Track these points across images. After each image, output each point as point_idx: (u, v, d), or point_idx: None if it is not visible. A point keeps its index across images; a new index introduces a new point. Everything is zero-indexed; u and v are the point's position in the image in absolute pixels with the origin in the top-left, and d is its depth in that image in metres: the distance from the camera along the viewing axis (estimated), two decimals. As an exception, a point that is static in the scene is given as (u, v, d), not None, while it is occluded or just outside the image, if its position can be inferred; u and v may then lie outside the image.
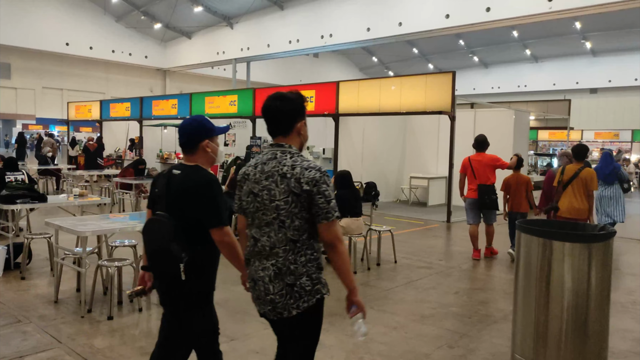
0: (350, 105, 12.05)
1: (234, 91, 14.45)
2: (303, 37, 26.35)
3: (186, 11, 26.69)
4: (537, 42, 34.68)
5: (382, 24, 23.74)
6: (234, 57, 27.98)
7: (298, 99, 2.52)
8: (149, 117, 16.13)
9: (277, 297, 2.35)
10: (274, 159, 2.42)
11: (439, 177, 13.44)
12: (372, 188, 7.89)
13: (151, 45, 29.46)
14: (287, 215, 2.33)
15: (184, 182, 2.67)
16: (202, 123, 2.81)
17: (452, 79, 10.91)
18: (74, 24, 25.68)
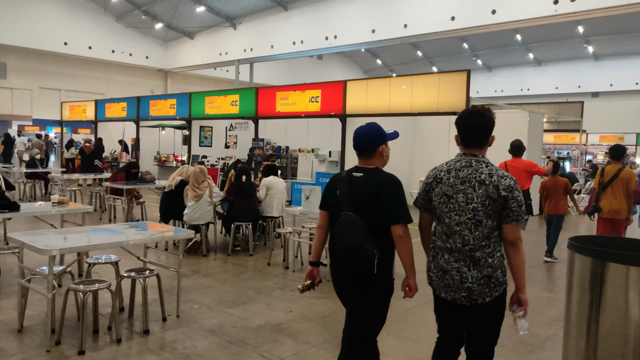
0: (358, 106, 11.18)
1: (236, 91, 13.58)
2: (307, 38, 25.58)
3: (188, 11, 25.88)
4: (541, 46, 34.20)
5: (387, 26, 23.09)
6: (237, 58, 27.16)
7: (492, 116, 2.82)
8: (146, 118, 15.26)
9: (475, 285, 2.63)
10: (469, 166, 2.72)
11: (450, 182, 12.58)
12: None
13: (152, 45, 28.62)
14: (484, 215, 2.61)
15: (370, 183, 2.88)
16: (379, 130, 3.05)
17: (466, 77, 10.04)
18: (73, 23, 24.85)
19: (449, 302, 2.77)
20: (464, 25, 21.25)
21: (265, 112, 12.56)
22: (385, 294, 2.94)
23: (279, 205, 7.93)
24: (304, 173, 12.57)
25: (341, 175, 3.02)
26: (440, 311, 2.92)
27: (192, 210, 7.27)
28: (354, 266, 2.76)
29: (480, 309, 2.67)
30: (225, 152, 13.94)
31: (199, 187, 7.27)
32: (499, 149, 11.27)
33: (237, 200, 7.57)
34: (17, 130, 24.28)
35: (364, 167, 2.99)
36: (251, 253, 7.51)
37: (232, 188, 7.60)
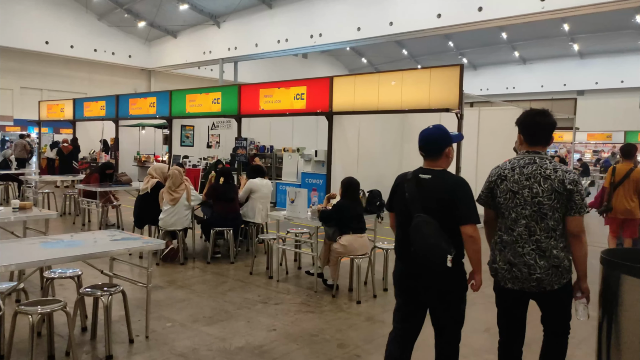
0: (346, 103, 10.61)
1: (218, 88, 12.92)
2: (292, 36, 25.01)
3: (171, 9, 25.11)
4: (526, 44, 34.01)
5: (372, 24, 22.72)
6: (221, 57, 26.48)
7: (553, 117, 2.96)
8: (125, 117, 14.53)
9: (544, 275, 2.81)
10: (533, 163, 2.87)
11: (441, 181, 12.06)
12: (377, 197, 6.44)
13: (135, 44, 27.77)
14: (550, 209, 2.79)
15: (440, 185, 2.93)
16: (446, 132, 3.05)
17: (459, 72, 9.53)
18: (54, 22, 23.95)
19: (515, 292, 2.93)
20: (450, 23, 21.05)
21: (249, 110, 11.93)
22: (461, 291, 3.02)
23: (263, 210, 7.33)
24: (289, 174, 11.97)
25: (407, 176, 3.09)
26: (505, 301, 3.05)
27: (168, 215, 6.64)
28: (432, 265, 2.85)
29: (549, 295, 2.86)
30: (207, 152, 13.28)
31: (175, 191, 6.65)
32: (491, 145, 10.62)
33: (216, 204, 6.96)
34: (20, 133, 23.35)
35: (430, 169, 3.03)
36: (232, 261, 6.91)
37: (211, 191, 6.98)
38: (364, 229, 5.75)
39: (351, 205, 5.68)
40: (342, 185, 5.82)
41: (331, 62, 37.21)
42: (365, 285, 6.11)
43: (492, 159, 11.08)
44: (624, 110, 30.74)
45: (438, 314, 3.03)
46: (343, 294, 5.79)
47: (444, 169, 3.02)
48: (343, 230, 5.63)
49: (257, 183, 7.27)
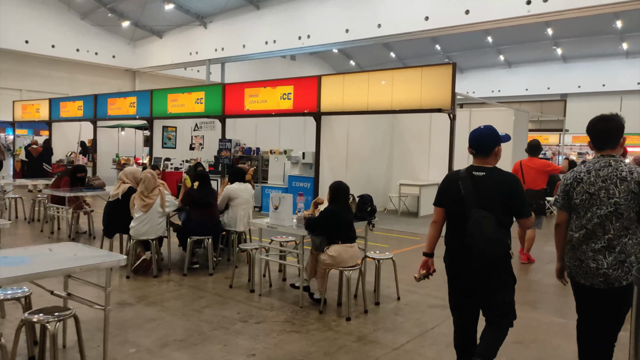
0: (334, 103, 10.03)
1: (201, 87, 12.24)
2: (280, 37, 24.45)
3: (156, 9, 24.35)
4: (511, 48, 34.14)
5: (361, 26, 22.41)
6: (208, 58, 25.79)
7: (621, 120, 3.05)
8: (104, 117, 13.77)
9: (610, 270, 2.89)
10: (608, 166, 2.95)
11: (431, 185, 11.50)
12: (367, 202, 5.84)
13: (119, 44, 26.89)
14: (625, 209, 2.87)
15: (496, 181, 3.11)
16: (496, 132, 3.21)
17: (452, 71, 9.02)
18: (35, 20, 23.03)
19: (587, 287, 2.99)
20: (438, 26, 20.97)
21: (233, 110, 11.29)
22: (512, 280, 3.22)
23: (245, 217, 6.70)
24: (275, 177, 11.34)
25: (461, 174, 3.20)
26: (579, 296, 3.11)
27: (140, 223, 5.97)
28: (491, 256, 3.04)
29: (617, 291, 2.88)
30: (190, 154, 12.60)
31: (148, 196, 5.99)
32: None
33: (193, 211, 6.32)
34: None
35: (483, 166, 3.17)
36: (211, 272, 6.25)
37: (186, 196, 6.33)
38: (354, 237, 5.15)
39: (340, 212, 5.09)
40: (330, 190, 5.22)
41: (319, 65, 36.68)
42: (355, 298, 5.51)
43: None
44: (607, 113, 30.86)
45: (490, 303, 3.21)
46: (331, 308, 5.18)
47: (494, 166, 3.19)
48: (331, 239, 5.03)
49: (235, 189, 6.64)
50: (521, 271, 7.00)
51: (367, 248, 5.82)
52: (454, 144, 9.21)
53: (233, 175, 6.80)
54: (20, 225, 8.82)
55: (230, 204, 6.61)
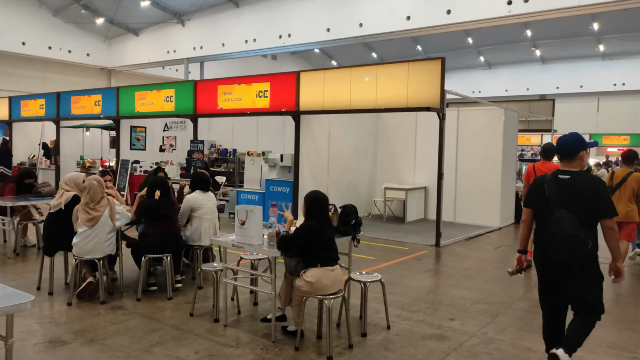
0: (314, 101, 9.09)
1: (170, 85, 11.15)
2: (260, 36, 23.51)
3: (132, 5, 23.06)
4: (491, 49, 33.96)
5: (342, 25, 21.82)
6: (186, 57, 24.63)
7: None
8: (67, 117, 12.59)
9: None
10: None
11: (417, 188, 10.66)
12: (351, 214, 4.89)
13: (94, 42, 25.46)
14: None
15: (581, 184, 3.29)
16: (581, 138, 3.43)
17: (441, 67, 8.16)
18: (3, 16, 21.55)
19: None
20: (420, 25, 20.59)
21: (206, 109, 10.27)
22: (599, 276, 3.33)
23: (211, 228, 5.72)
24: (251, 180, 10.34)
25: (547, 177, 3.42)
26: None
27: (84, 239, 4.94)
28: (572, 253, 3.19)
29: None
30: (161, 157, 11.52)
31: (94, 208, 4.96)
32: (474, 147, 9.24)
33: (149, 225, 5.32)
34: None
35: (568, 170, 3.38)
36: (170, 296, 5.25)
37: (141, 207, 5.32)
38: (335, 258, 4.22)
39: (318, 228, 4.15)
40: (306, 202, 4.29)
41: (301, 64, 35.75)
42: (338, 328, 4.59)
43: (472, 161, 9.68)
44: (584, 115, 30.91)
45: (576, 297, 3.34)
46: (309, 343, 4.25)
47: (579, 169, 3.37)
48: (309, 261, 4.09)
49: (196, 198, 5.67)
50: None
51: (351, 265, 4.90)
52: (443, 145, 8.35)
53: (195, 182, 5.81)
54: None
55: (193, 215, 5.63)
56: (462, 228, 9.76)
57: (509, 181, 10.65)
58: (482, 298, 5.62)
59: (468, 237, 9.03)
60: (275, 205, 4.91)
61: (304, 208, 4.30)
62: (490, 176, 10.12)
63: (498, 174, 10.10)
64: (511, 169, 10.86)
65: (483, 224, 10.05)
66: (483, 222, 10.11)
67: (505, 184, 10.36)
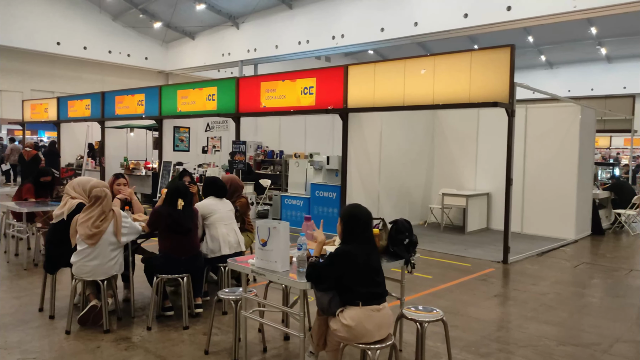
0: (364, 97, 7.95)
1: (213, 82, 10.36)
2: (313, 37, 22.76)
3: (188, 9, 22.87)
4: (552, 48, 31.60)
5: (397, 24, 20.72)
6: (240, 59, 24.23)
7: None
8: (112, 117, 12.12)
9: None
10: None
11: (479, 195, 9.25)
12: (404, 231, 3.71)
13: (151, 46, 25.54)
14: None
15: None
16: None
17: (510, 56, 6.84)
18: (66, 22, 21.90)
19: None
20: (477, 23, 19.21)
21: (248, 107, 9.37)
22: None
23: (230, 235, 4.73)
24: (296, 185, 9.32)
25: None
26: None
27: (84, 259, 4.06)
28: None
29: None
30: (204, 158, 10.77)
31: (95, 225, 4.06)
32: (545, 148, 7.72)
33: (163, 239, 4.38)
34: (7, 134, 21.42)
35: None
36: (186, 325, 4.29)
37: (155, 218, 4.39)
38: (382, 294, 3.08)
39: (360, 255, 3.03)
40: (343, 219, 3.17)
41: (353, 66, 34.68)
42: (386, 380, 3.44)
43: (543, 165, 8.14)
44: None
45: None
46: (349, 403, 3.13)
47: None
48: (346, 298, 2.99)
49: (207, 205, 4.74)
50: None
51: (404, 295, 3.75)
52: (512, 146, 6.97)
53: (209, 188, 4.85)
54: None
55: (206, 223, 4.66)
56: (531, 240, 8.30)
57: (585, 188, 9.04)
58: (569, 337, 4.29)
59: (540, 252, 7.58)
60: (309, 219, 3.84)
61: (340, 227, 3.19)
62: (564, 182, 8.58)
63: (573, 179, 8.54)
64: (588, 174, 9.23)
65: (555, 235, 8.53)
66: (555, 233, 8.58)
67: (582, 191, 8.77)
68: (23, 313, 4.52)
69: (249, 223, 5.38)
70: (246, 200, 5.48)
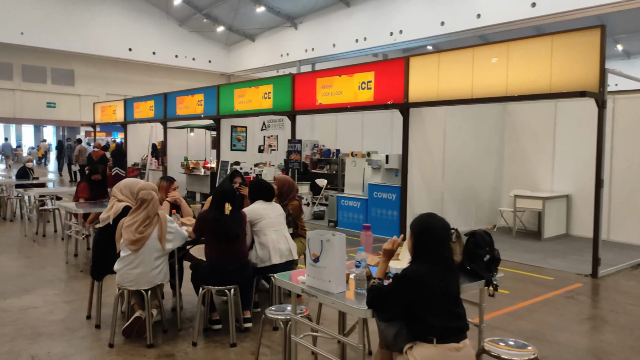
0: (427, 91, 7.19)
1: (269, 80, 9.95)
2: (370, 34, 22.05)
3: (249, 12, 22.93)
4: (629, 37, 28.81)
5: (457, 17, 19.52)
6: (298, 59, 23.99)
7: None
8: (173, 117, 12.07)
9: None
10: None
11: (558, 197, 8.19)
12: (484, 246, 3.00)
13: (215, 49, 25.93)
14: None
15: None
16: None
17: (600, 38, 5.85)
18: (137, 29, 22.68)
19: None
20: (547, 12, 17.63)
21: (304, 105, 8.87)
22: None
23: (281, 242, 4.20)
24: (353, 185, 8.70)
25: None
26: None
27: (127, 266, 3.70)
28: None
29: None
30: (260, 158, 10.42)
31: (139, 230, 3.68)
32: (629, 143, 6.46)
33: (209, 246, 3.94)
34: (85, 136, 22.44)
35: None
36: (233, 342, 3.81)
37: (201, 223, 3.95)
38: (463, 329, 2.43)
39: (433, 280, 2.38)
40: (415, 233, 2.53)
41: (412, 63, 33.49)
42: None
43: (634, 164, 6.98)
44: None
45: None
46: None
47: None
48: (417, 332, 2.36)
49: (255, 209, 4.21)
50: None
51: (482, 323, 3.06)
52: (603, 142, 5.96)
53: (256, 191, 4.33)
54: (50, 245, 7.10)
55: (255, 230, 4.15)
56: (620, 249, 7.17)
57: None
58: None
59: (634, 264, 6.48)
60: (368, 229, 3.23)
61: (410, 241, 2.56)
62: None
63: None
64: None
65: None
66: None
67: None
68: (71, 320, 4.25)
69: (302, 228, 4.84)
70: (299, 203, 4.93)
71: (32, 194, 7.36)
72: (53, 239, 7.34)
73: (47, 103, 22.49)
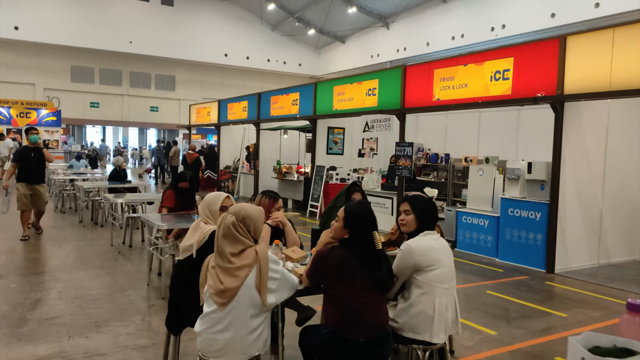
0: (593, 78, 5.29)
1: (374, 74, 8.43)
2: (469, 30, 19.85)
3: (340, 14, 21.77)
4: None
5: (572, 7, 16.79)
6: (389, 60, 22.36)
7: None
8: (267, 118, 11.00)
9: None
10: None
11: None
12: None
13: (305, 52, 25.15)
14: None
15: None
16: None
17: None
18: (232, 35, 22.53)
19: None
20: None
21: (417, 101, 7.28)
22: None
23: (449, 309, 2.64)
24: (478, 198, 6.90)
25: None
26: None
27: (213, 327, 2.37)
28: None
29: None
30: (359, 162, 8.97)
31: (226, 269, 2.36)
32: None
33: (334, 299, 2.51)
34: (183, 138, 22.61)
35: None
36: None
37: (319, 265, 2.53)
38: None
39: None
40: None
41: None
42: None
43: None
44: None
45: None
46: None
47: None
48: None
49: (430, 248, 2.61)
50: None
51: None
52: None
53: (425, 215, 2.73)
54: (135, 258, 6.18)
55: (417, 279, 2.60)
56: None
57: None
58: None
59: None
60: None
61: None
62: None
63: None
64: None
65: None
66: None
67: None
68: (143, 378, 3.07)
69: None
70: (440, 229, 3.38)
71: (120, 200, 6.53)
72: (139, 250, 6.46)
73: (150, 107, 23.05)
